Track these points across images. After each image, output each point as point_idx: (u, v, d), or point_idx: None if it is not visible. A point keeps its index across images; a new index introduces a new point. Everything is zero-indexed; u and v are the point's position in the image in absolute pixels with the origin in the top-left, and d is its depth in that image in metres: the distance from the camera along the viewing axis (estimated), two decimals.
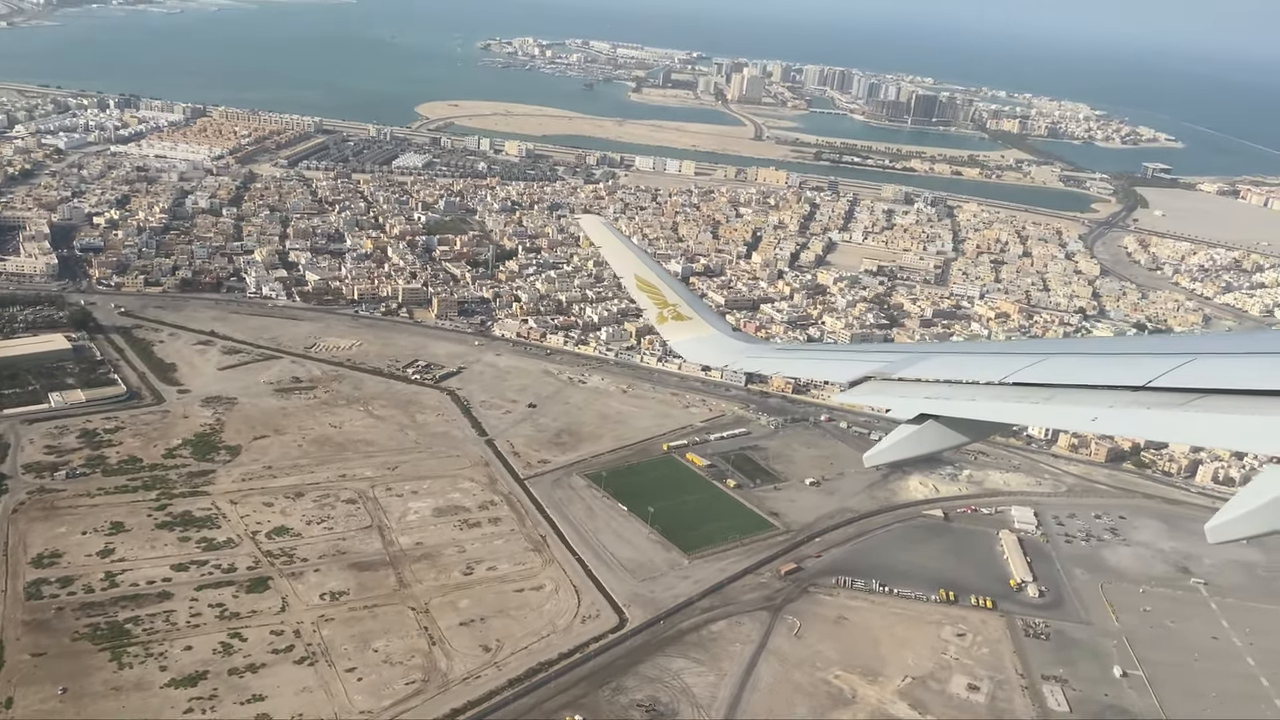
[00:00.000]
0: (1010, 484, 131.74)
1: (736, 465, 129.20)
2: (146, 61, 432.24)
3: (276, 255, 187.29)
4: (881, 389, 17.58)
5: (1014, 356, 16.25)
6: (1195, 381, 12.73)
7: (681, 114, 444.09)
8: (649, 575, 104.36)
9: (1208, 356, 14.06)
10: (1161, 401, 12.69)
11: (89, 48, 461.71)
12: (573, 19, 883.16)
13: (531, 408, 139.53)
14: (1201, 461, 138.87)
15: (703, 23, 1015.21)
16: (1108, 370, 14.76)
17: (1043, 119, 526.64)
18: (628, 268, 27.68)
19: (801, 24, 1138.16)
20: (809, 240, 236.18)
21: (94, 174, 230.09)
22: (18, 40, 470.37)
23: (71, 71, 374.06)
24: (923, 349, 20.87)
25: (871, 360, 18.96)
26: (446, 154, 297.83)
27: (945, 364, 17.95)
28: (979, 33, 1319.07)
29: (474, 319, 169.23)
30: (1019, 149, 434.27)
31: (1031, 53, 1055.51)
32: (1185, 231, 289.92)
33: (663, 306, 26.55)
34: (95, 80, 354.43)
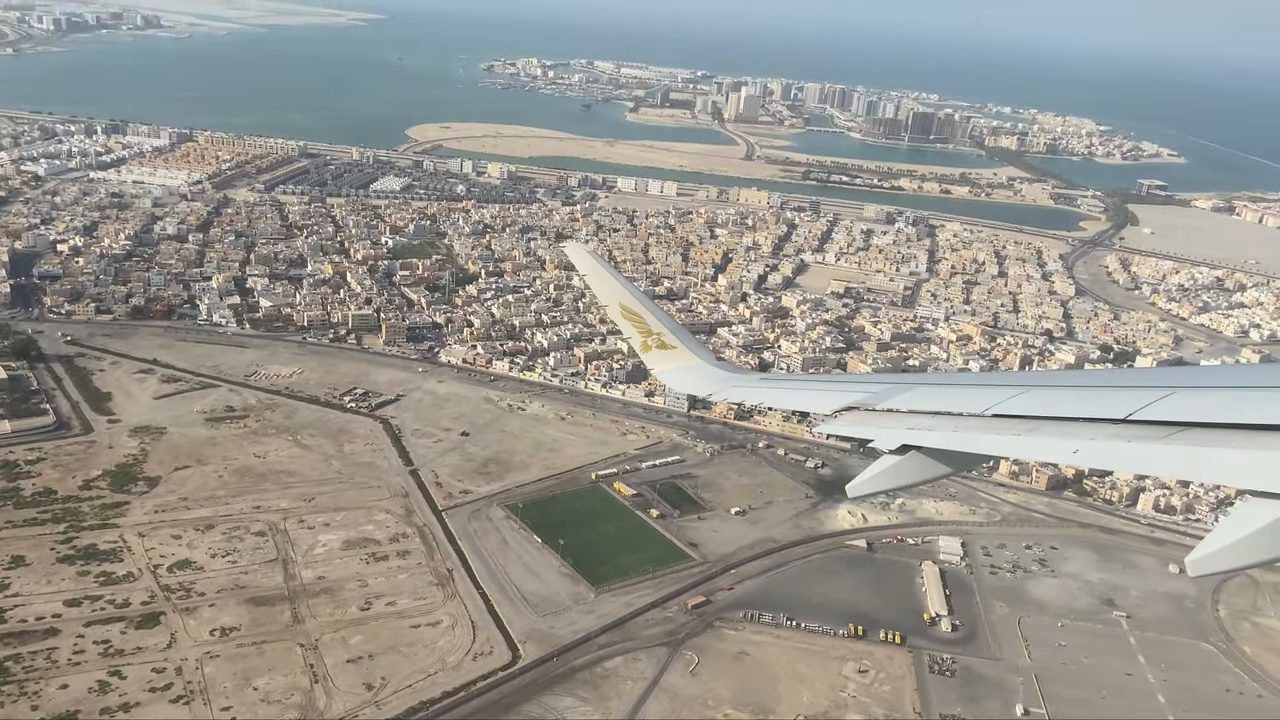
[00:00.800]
0: (943, 513, 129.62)
1: (663, 494, 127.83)
2: (145, 86, 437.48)
3: (234, 281, 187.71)
4: (864, 420, 17.53)
5: (996, 388, 16.29)
6: (1176, 415, 12.79)
7: (675, 134, 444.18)
8: (552, 610, 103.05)
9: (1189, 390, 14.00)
10: (1143, 435, 12.78)
11: (91, 73, 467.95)
12: (581, 39, 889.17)
13: (464, 436, 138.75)
14: (1144, 489, 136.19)
15: (710, 43, 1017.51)
16: (1090, 403, 14.78)
17: (1044, 135, 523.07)
18: (612, 295, 27.50)
19: (810, 42, 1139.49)
20: (780, 262, 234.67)
21: (67, 200, 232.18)
22: (22, 66, 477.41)
23: (69, 97, 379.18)
24: (906, 380, 20.48)
25: (855, 391, 18.86)
26: (428, 177, 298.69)
27: (928, 395, 17.92)
28: (985, 48, 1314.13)
29: (422, 345, 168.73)
30: (1015, 166, 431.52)
31: (1039, 68, 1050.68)
32: (1173, 250, 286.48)
33: (646, 335, 26.49)
34: (90, 106, 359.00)
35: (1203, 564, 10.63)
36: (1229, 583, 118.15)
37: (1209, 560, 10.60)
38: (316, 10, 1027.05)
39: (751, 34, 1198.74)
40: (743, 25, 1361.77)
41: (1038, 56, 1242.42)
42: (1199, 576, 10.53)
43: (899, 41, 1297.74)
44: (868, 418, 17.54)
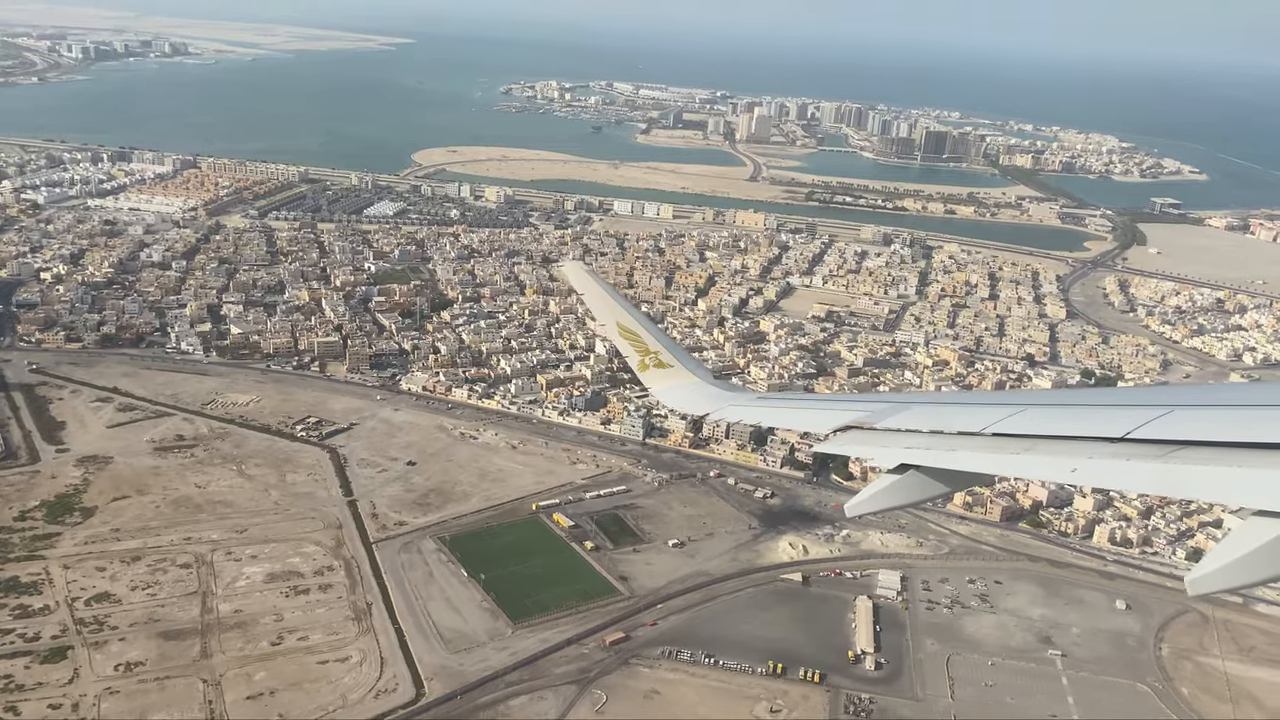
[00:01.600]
0: (888, 545, 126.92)
1: (602, 526, 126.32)
2: (161, 113, 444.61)
3: (208, 309, 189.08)
4: (862, 439, 17.79)
5: (994, 407, 16.48)
6: (1174, 434, 12.89)
7: (684, 155, 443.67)
8: (465, 646, 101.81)
9: (1186, 409, 14.13)
10: (1140, 453, 12.88)
11: (110, 101, 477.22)
12: (609, 62, 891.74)
13: (410, 465, 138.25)
14: (1101, 521, 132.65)
15: (734, 62, 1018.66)
16: (1087, 422, 14.96)
17: (1062, 153, 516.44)
18: (609, 315, 28.31)
19: (838, 62, 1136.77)
20: (764, 286, 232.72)
21: (60, 228, 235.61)
22: (45, 95, 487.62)
23: (84, 125, 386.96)
24: (904, 399, 20.47)
25: (853, 410, 19.16)
26: (424, 202, 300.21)
27: (926, 414, 17.99)
28: (1011, 63, 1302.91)
29: (386, 372, 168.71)
30: (1028, 185, 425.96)
31: (1059, 82, 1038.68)
32: (1177, 270, 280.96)
33: (644, 354, 26.95)
34: (103, 134, 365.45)
35: (1202, 583, 10.84)
36: (1178, 620, 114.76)
37: (1208, 579, 10.79)
38: (345, 36, 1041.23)
39: (775, 55, 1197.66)
40: (766, 47, 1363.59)
41: (1058, 71, 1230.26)
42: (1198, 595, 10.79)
43: (924, 59, 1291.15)
44: (866, 437, 17.75)
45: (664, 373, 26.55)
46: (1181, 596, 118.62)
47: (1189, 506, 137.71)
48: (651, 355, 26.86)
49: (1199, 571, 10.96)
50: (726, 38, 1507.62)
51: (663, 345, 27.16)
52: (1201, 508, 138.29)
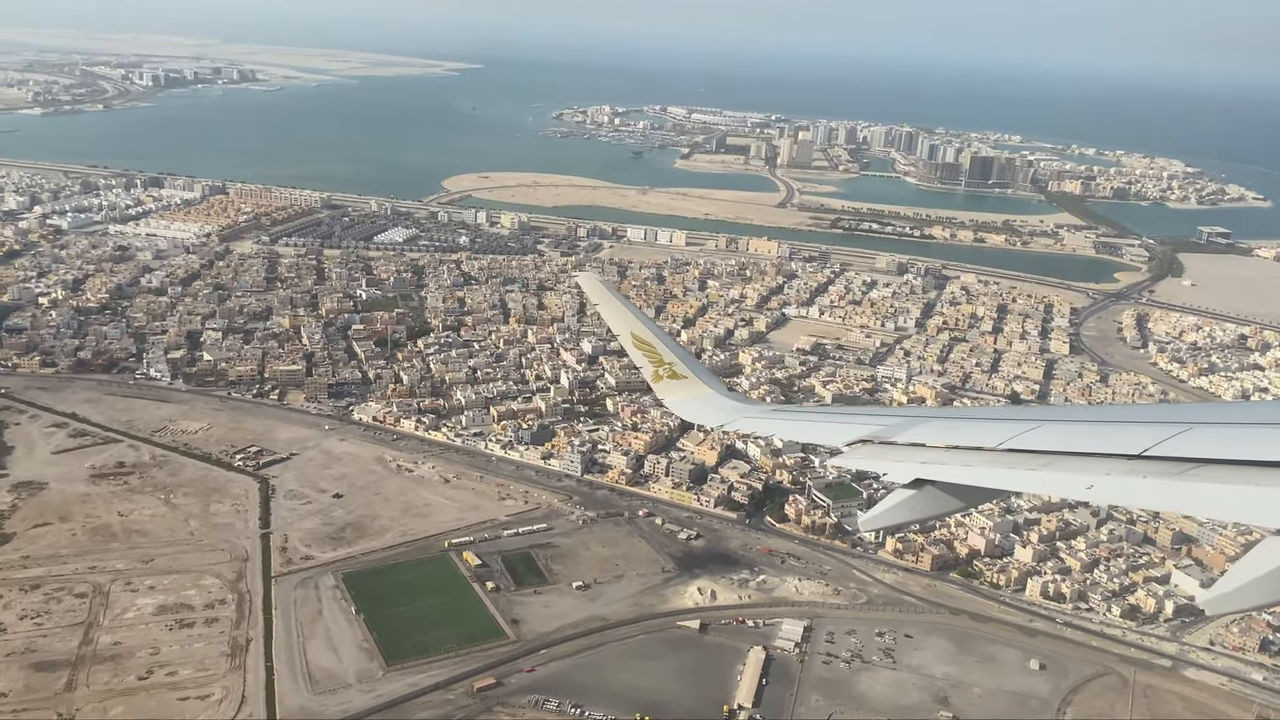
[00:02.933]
0: (803, 592, 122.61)
1: (510, 565, 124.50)
2: (209, 139, 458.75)
3: (188, 335, 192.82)
4: (877, 453, 17.93)
5: (1010, 423, 16.65)
6: (1192, 451, 12.93)
7: (719, 180, 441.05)
8: (331, 687, 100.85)
9: (1205, 426, 14.14)
10: (1158, 470, 12.89)
11: (165, 127, 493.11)
12: (666, 85, 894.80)
13: (336, 498, 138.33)
14: (1036, 574, 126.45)
15: (800, 85, 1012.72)
16: (1104, 438, 14.96)
17: (1118, 178, 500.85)
18: (624, 325, 28.56)
19: (901, 83, 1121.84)
20: (756, 316, 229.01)
21: (73, 254, 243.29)
22: (106, 122, 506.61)
23: (132, 151, 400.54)
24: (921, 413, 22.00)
25: (868, 423, 19.26)
26: (438, 228, 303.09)
27: (942, 429, 18.21)
28: (1078, 81, 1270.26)
29: (342, 401, 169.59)
30: (1073, 213, 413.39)
31: (1130, 104, 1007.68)
32: (1208, 304, 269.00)
33: (658, 365, 27.21)
34: (146, 160, 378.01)
35: (1219, 603, 10.96)
36: (1094, 683, 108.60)
37: (1226, 600, 10.90)
38: (414, 61, 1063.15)
39: (845, 78, 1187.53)
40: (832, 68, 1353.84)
41: (1125, 90, 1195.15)
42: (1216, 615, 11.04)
43: (986, 80, 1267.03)
44: (881, 451, 17.86)
45: (678, 384, 26.73)
46: (1102, 657, 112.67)
47: (1136, 561, 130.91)
48: (665, 366, 27.04)
49: (1215, 592, 10.95)
50: (796, 60, 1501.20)
51: (677, 356, 27.30)
52: (1152, 561, 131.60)
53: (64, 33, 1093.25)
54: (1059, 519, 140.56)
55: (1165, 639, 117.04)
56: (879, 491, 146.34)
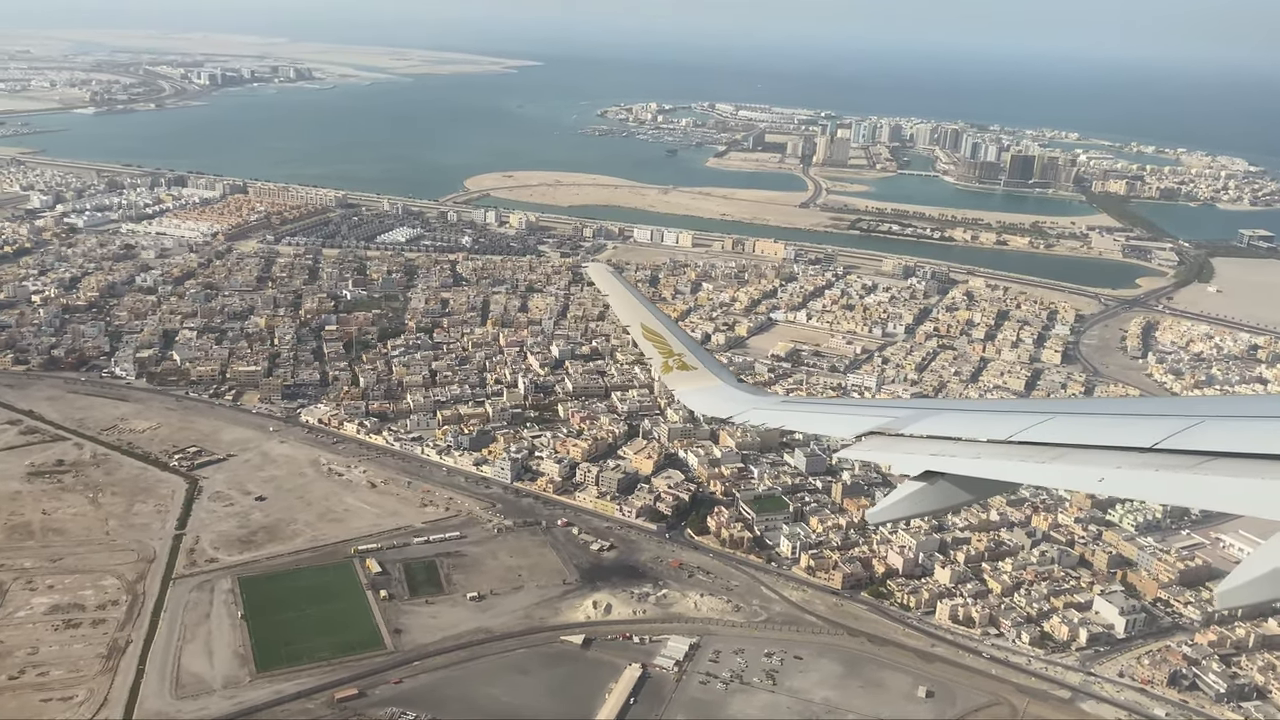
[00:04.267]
0: (701, 609, 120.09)
1: (411, 574, 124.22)
2: (249, 138, 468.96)
3: (164, 334, 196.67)
4: (886, 445, 18.08)
5: (1020, 415, 16.69)
6: (1204, 444, 12.97)
7: (748, 179, 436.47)
8: (194, 693, 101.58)
9: (1217, 419, 14.15)
10: (1170, 464, 12.94)
11: (210, 126, 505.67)
12: (723, 80, 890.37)
13: (259, 500, 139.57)
14: (946, 596, 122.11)
15: (862, 81, 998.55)
16: (1115, 431, 14.99)
17: (1171, 178, 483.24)
18: (634, 316, 28.86)
19: (962, 77, 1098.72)
20: (738, 321, 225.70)
21: (79, 252, 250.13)
22: (155, 121, 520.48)
23: (169, 150, 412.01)
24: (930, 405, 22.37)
25: (877, 415, 19.39)
26: (446, 228, 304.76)
27: (951, 420, 18.20)
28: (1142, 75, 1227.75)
29: (295, 403, 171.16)
30: (1112, 214, 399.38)
31: (1197, 97, 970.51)
32: (1229, 311, 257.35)
33: (668, 356, 27.56)
34: (181, 158, 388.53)
35: (1231, 596, 10.88)
36: (981, 713, 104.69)
37: (1238, 593, 10.85)
38: (475, 59, 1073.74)
39: (906, 72, 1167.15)
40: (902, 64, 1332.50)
41: (1190, 82, 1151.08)
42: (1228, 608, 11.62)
43: (1046, 73, 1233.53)
44: (890, 443, 17.97)
45: (687, 375, 26.75)
46: (998, 686, 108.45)
47: (1061, 585, 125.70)
48: (675, 357, 27.03)
49: (1228, 585, 10.87)
50: (866, 56, 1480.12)
51: (687, 347, 27.30)
52: (1079, 586, 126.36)
53: (140, 33, 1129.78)
54: (991, 538, 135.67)
55: (1072, 669, 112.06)
56: (808, 503, 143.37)
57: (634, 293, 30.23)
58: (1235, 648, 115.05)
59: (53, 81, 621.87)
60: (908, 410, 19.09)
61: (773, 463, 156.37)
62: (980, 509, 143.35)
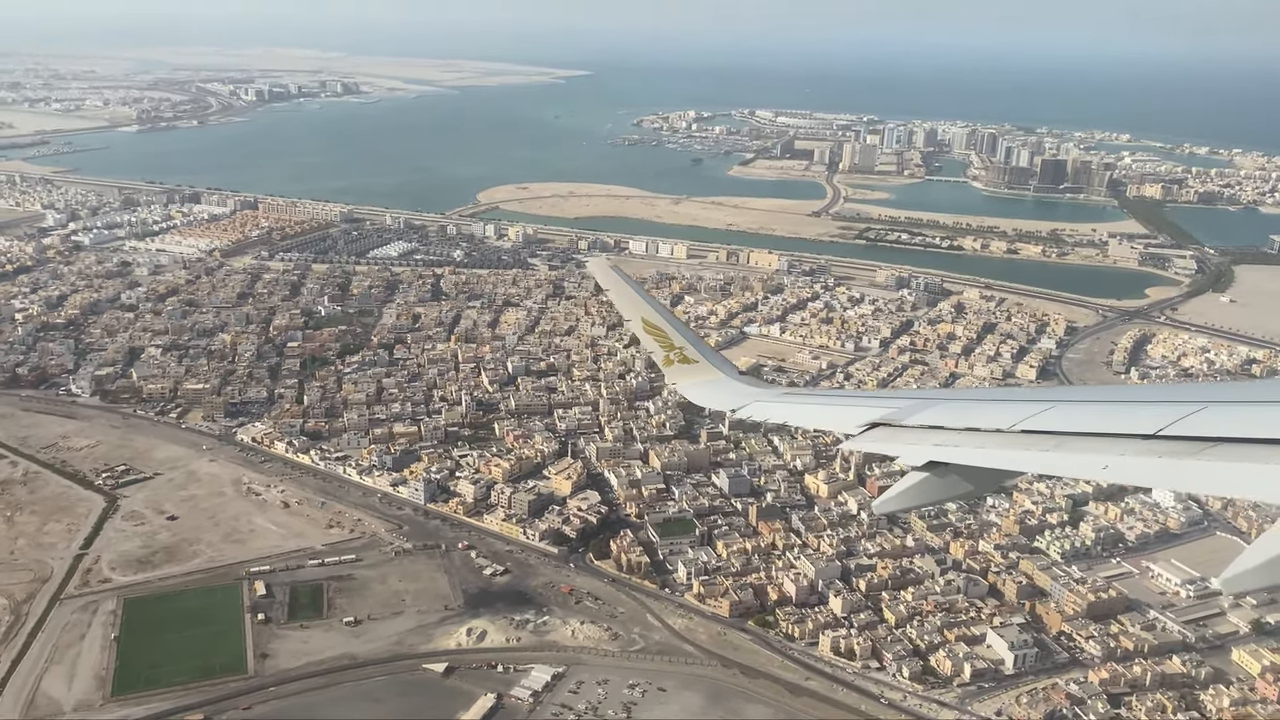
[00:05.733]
0: (578, 636, 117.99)
1: (295, 597, 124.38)
2: (277, 153, 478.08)
3: (129, 351, 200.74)
4: (890, 436, 18.39)
5: (1023, 404, 16.96)
6: (1207, 430, 13.16)
7: (767, 188, 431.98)
8: (45, 715, 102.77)
9: (1219, 405, 14.36)
10: (1173, 450, 13.12)
11: (244, 141, 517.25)
12: (772, 86, 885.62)
13: (170, 520, 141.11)
14: (832, 626, 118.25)
15: (915, 82, 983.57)
16: (1117, 418, 15.21)
17: (1212, 181, 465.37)
18: (635, 311, 29.48)
19: (1017, 77, 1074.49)
20: (710, 334, 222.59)
21: (75, 270, 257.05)
22: (193, 138, 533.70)
23: (197, 166, 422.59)
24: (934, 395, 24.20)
25: (880, 406, 19.75)
26: (444, 241, 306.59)
27: (954, 411, 18.52)
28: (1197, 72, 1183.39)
29: (236, 420, 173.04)
30: (1143, 219, 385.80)
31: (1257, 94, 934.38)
32: (1238, 324, 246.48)
33: (669, 350, 28.24)
34: (204, 175, 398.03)
35: (1236, 582, 10.92)
36: None
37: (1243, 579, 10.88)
38: (524, 70, 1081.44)
39: (956, 73, 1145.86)
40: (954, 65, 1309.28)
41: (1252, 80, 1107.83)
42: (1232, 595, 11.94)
43: (1102, 72, 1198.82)
44: (893, 434, 18.11)
45: (690, 369, 27.16)
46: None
47: (958, 617, 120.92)
48: (677, 351, 27.35)
49: (1232, 571, 10.86)
50: (921, 56, 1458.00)
51: (688, 341, 27.64)
52: (977, 619, 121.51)
53: (203, 50, 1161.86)
54: (897, 565, 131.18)
55: (948, 706, 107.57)
56: (720, 526, 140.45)
57: (635, 287, 30.24)
58: (1130, 686, 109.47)
59: (106, 100, 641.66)
60: (911, 401, 18.91)
61: (697, 484, 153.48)
62: (897, 534, 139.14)
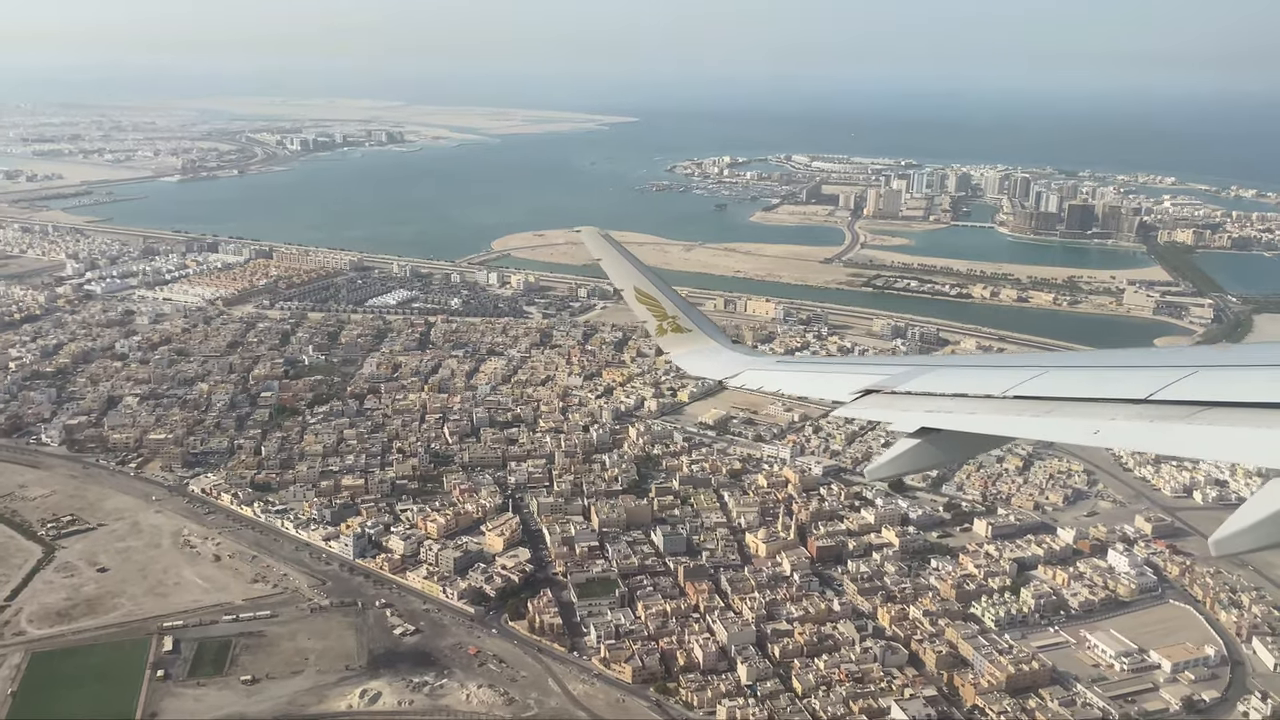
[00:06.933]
0: (472, 701, 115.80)
1: (200, 653, 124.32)
2: (306, 201, 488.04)
3: (108, 400, 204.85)
4: (883, 403, 18.51)
5: (1015, 370, 16.99)
6: (1199, 394, 13.20)
7: (786, 234, 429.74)
8: None
9: (1211, 369, 14.41)
10: (1165, 414, 13.19)
11: (278, 191, 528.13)
12: (821, 131, 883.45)
13: (101, 572, 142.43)
14: (729, 696, 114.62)
15: (961, 127, 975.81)
16: (1109, 383, 15.26)
17: (1251, 225, 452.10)
18: (627, 279, 29.60)
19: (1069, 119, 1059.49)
20: (683, 385, 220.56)
21: (78, 320, 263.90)
22: (230, 188, 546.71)
23: (223, 215, 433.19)
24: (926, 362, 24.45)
25: (874, 373, 19.91)
26: (445, 289, 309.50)
27: (947, 377, 18.74)
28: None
29: (192, 471, 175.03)
30: (1170, 266, 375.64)
31: None
32: None
33: (662, 318, 28.63)
34: (230, 223, 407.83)
35: (1226, 544, 11.10)
36: None
37: (1232, 540, 11.05)
38: (571, 117, 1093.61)
39: (1020, 117, 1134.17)
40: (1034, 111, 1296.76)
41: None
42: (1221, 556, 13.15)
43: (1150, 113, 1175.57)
44: (887, 400, 18.36)
45: (682, 338, 27.55)
46: None
47: (862, 688, 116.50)
48: (669, 320, 27.71)
49: (1223, 533, 10.99)
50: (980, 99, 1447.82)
51: (681, 310, 27.87)
52: (886, 690, 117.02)
53: (265, 100, 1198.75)
54: (815, 631, 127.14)
55: None
56: (645, 586, 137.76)
57: (627, 256, 29.96)
58: None
59: (157, 150, 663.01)
60: (904, 368, 18.90)
61: (633, 541, 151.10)
62: (822, 594, 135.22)
